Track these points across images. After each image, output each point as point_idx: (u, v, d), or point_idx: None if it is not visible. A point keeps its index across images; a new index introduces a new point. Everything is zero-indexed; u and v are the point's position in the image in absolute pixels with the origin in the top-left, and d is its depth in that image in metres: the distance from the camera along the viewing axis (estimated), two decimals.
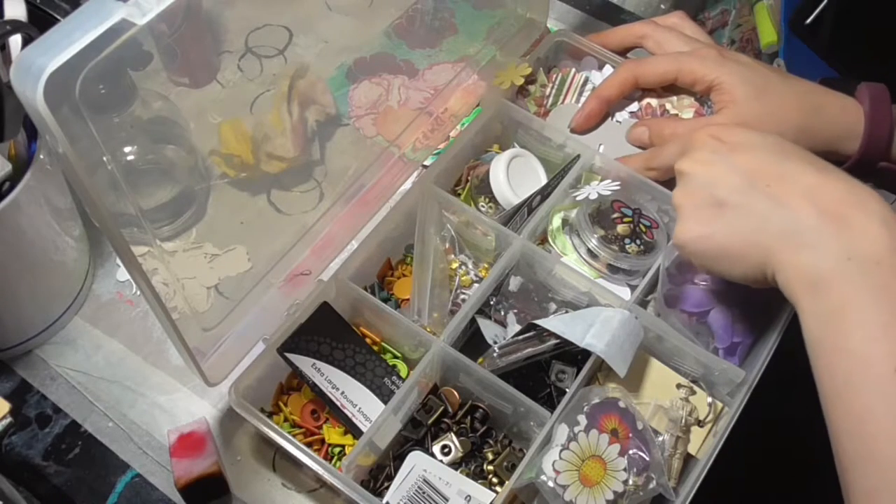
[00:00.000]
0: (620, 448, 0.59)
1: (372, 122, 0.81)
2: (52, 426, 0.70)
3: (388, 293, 0.74)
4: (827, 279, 0.52)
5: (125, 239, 0.49)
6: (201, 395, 0.72)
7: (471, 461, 0.65)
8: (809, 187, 0.54)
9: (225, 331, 0.65)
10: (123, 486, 0.68)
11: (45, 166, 0.66)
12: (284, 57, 0.75)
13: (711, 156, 0.59)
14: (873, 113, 0.69)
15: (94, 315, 0.76)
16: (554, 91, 0.80)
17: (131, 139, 0.72)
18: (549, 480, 0.58)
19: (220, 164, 0.73)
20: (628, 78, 0.75)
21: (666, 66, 0.73)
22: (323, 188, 0.76)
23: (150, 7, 0.43)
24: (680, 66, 0.73)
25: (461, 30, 0.84)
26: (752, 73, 0.71)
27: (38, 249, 0.69)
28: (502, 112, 0.79)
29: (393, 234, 0.74)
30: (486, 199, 0.77)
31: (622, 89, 0.75)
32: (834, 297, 0.51)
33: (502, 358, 0.64)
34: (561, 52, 0.83)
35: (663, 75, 0.74)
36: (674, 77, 0.73)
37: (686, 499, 0.61)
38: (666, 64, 0.74)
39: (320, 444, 0.67)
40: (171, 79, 0.70)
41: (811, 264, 0.52)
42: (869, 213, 0.52)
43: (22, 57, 0.40)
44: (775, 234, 0.54)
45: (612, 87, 0.75)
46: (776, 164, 0.57)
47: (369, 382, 0.67)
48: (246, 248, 0.72)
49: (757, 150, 0.58)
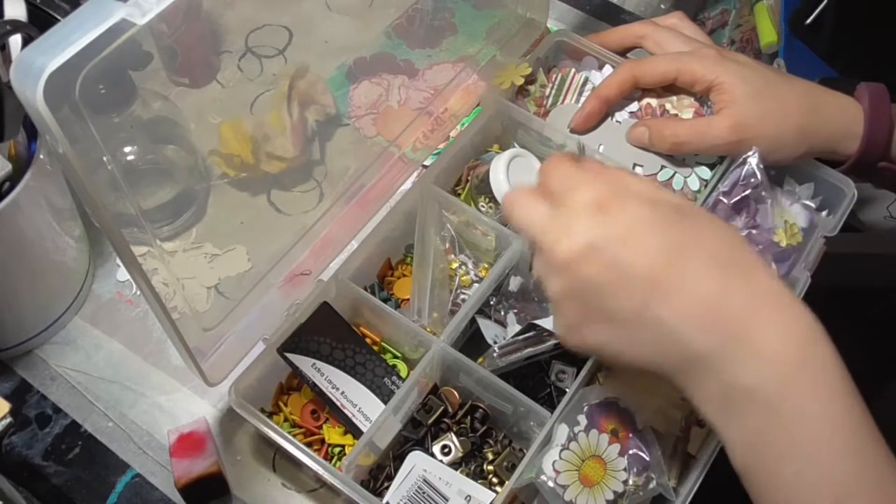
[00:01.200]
0: (620, 448, 0.59)
1: (372, 122, 0.81)
2: (52, 426, 0.70)
3: (388, 293, 0.74)
4: (738, 407, 0.47)
5: (125, 239, 0.49)
6: (201, 395, 0.72)
7: (471, 461, 0.65)
8: (708, 305, 0.47)
9: (225, 331, 0.65)
10: (123, 486, 0.68)
11: (45, 166, 0.66)
12: (284, 57, 0.75)
13: (590, 245, 0.49)
14: (873, 112, 0.69)
15: (94, 315, 0.76)
16: (554, 91, 0.80)
17: (131, 139, 0.72)
18: (549, 480, 0.58)
19: (220, 164, 0.73)
20: (628, 78, 0.74)
21: (665, 66, 0.73)
22: (323, 188, 0.76)
23: (150, 7, 0.43)
24: (679, 66, 0.72)
25: (461, 30, 0.84)
26: (751, 73, 0.70)
27: (38, 249, 0.69)
28: (502, 112, 0.79)
29: (393, 234, 0.74)
30: (486, 199, 0.77)
31: (622, 89, 0.75)
32: (751, 425, 0.47)
33: (502, 358, 0.64)
34: (561, 52, 0.83)
35: (663, 75, 0.73)
36: (673, 77, 0.73)
37: (686, 499, 0.61)
38: (665, 64, 0.73)
39: (320, 444, 0.67)
40: (171, 79, 0.70)
41: (718, 393, 0.48)
42: (770, 323, 0.47)
43: (22, 57, 0.40)
44: (678, 360, 0.48)
45: (611, 87, 0.75)
46: (671, 268, 0.48)
47: (369, 382, 0.67)
48: (246, 248, 0.72)
49: (647, 238, 0.49)
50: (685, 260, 0.48)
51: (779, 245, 0.69)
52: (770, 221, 0.70)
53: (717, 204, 0.71)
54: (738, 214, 0.71)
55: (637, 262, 0.48)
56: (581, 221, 0.50)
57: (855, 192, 0.74)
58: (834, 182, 0.74)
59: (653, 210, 0.50)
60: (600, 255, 0.49)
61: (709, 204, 0.71)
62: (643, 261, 0.48)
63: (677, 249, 0.49)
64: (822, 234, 0.72)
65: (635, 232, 0.49)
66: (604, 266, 0.49)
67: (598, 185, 0.51)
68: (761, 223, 0.70)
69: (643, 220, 0.49)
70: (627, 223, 0.49)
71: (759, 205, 0.70)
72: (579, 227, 0.49)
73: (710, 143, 0.70)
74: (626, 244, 0.49)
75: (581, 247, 0.49)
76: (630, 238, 0.49)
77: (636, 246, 0.49)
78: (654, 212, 0.50)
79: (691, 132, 0.71)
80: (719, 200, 0.71)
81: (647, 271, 0.48)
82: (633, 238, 0.49)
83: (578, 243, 0.49)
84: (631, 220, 0.49)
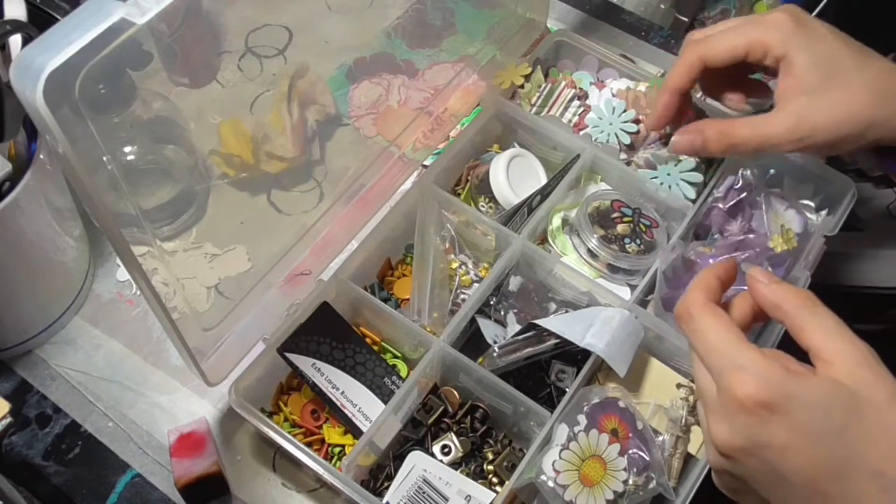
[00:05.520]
0: (620, 448, 0.59)
1: (372, 122, 0.81)
2: (52, 426, 0.70)
3: (388, 293, 0.74)
4: None
5: (125, 239, 0.49)
6: (201, 395, 0.72)
7: (471, 461, 0.65)
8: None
9: (225, 331, 0.65)
10: (123, 486, 0.68)
11: (45, 166, 0.66)
12: (284, 57, 0.74)
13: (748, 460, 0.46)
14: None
15: (94, 315, 0.76)
16: (540, 101, 0.80)
17: (131, 139, 0.72)
18: (549, 480, 0.58)
19: (220, 164, 0.73)
20: (694, 61, 0.66)
21: (734, 40, 0.64)
22: (323, 188, 0.76)
23: (150, 7, 0.43)
24: (749, 38, 0.63)
25: (461, 30, 0.84)
26: (824, 51, 0.62)
27: (38, 249, 0.69)
28: (502, 112, 0.79)
29: (393, 234, 0.74)
30: (486, 199, 0.77)
31: (691, 75, 0.67)
32: None
33: (502, 358, 0.64)
34: (561, 52, 0.83)
35: (732, 51, 0.64)
36: (744, 52, 0.64)
37: (686, 499, 0.61)
38: (733, 38, 0.64)
39: (320, 444, 0.67)
40: (171, 79, 0.70)
41: None
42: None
43: (21, 56, 0.40)
44: None
45: (681, 76, 0.67)
46: (832, 482, 0.45)
47: (369, 382, 0.67)
48: (246, 248, 0.72)
49: (811, 452, 0.45)
50: (848, 477, 0.45)
51: (773, 251, 0.69)
52: (766, 226, 0.69)
53: (712, 209, 0.71)
54: (734, 219, 0.71)
55: (799, 472, 0.45)
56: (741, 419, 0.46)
57: (855, 191, 0.74)
58: (834, 181, 0.74)
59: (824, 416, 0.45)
60: (761, 453, 0.46)
61: (704, 210, 0.71)
62: (802, 466, 0.45)
63: (840, 454, 0.45)
64: (822, 233, 0.72)
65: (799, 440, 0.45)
66: (763, 463, 0.46)
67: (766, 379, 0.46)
68: (756, 228, 0.70)
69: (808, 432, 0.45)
70: (793, 428, 0.45)
71: (753, 210, 0.70)
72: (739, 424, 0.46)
73: (770, 142, 0.63)
74: (787, 451, 0.45)
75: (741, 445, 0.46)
76: (793, 446, 0.45)
77: (799, 454, 0.45)
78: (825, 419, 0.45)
79: (749, 131, 0.64)
80: (714, 206, 0.71)
81: (807, 478, 0.45)
82: (795, 446, 0.45)
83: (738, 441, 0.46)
84: (797, 426, 0.45)
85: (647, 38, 0.93)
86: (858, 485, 0.44)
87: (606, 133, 0.76)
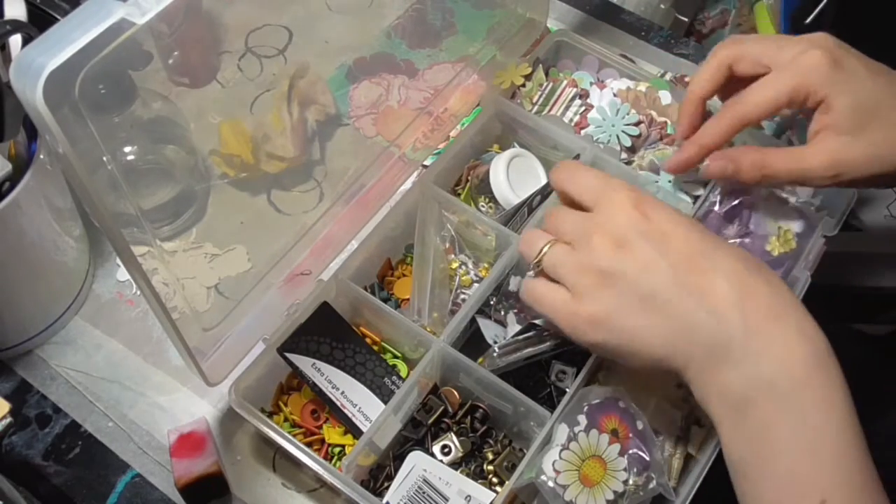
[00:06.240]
0: (620, 448, 0.59)
1: (372, 122, 0.81)
2: (52, 426, 0.70)
3: (388, 293, 0.74)
4: (750, 399, 0.50)
5: (125, 239, 0.49)
6: (201, 395, 0.72)
7: (471, 461, 0.65)
8: (738, 292, 0.51)
9: (225, 331, 0.65)
10: (123, 486, 0.68)
11: (45, 166, 0.66)
12: (284, 57, 0.74)
13: (639, 240, 0.53)
14: None
15: (94, 315, 0.76)
16: (542, 99, 0.80)
17: (131, 139, 0.72)
18: (549, 480, 0.58)
19: (220, 164, 0.73)
20: (734, 125, 0.64)
21: (773, 94, 0.61)
22: (323, 188, 0.76)
23: (150, 7, 0.43)
24: (790, 87, 0.61)
25: (461, 30, 0.84)
26: (865, 90, 0.61)
27: (38, 249, 0.69)
28: (502, 112, 0.79)
29: (393, 234, 0.74)
30: (486, 199, 0.77)
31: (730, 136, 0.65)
32: (757, 418, 0.49)
33: (502, 358, 0.64)
34: (561, 52, 0.83)
35: (775, 105, 0.62)
36: (786, 103, 0.62)
37: (686, 499, 0.61)
38: (772, 91, 0.62)
39: (320, 444, 0.67)
40: (171, 79, 0.70)
41: (734, 383, 0.50)
42: (791, 326, 0.50)
43: (21, 56, 0.40)
44: (701, 345, 0.51)
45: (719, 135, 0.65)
46: (705, 257, 0.53)
47: (369, 382, 0.67)
48: (246, 248, 0.72)
49: (686, 236, 0.54)
50: (717, 253, 0.53)
51: (771, 254, 0.69)
52: (764, 228, 0.69)
53: (707, 214, 0.70)
54: (731, 223, 0.70)
55: (675, 247, 0.53)
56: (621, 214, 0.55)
57: (855, 191, 0.74)
58: None
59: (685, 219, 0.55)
60: (652, 246, 0.53)
61: (700, 213, 0.71)
62: (681, 245, 0.53)
63: (711, 243, 0.54)
64: (822, 233, 0.72)
65: (674, 226, 0.54)
66: (654, 254, 0.53)
67: (629, 191, 0.56)
68: (755, 230, 0.69)
69: (679, 222, 0.55)
70: (664, 219, 0.54)
71: (752, 212, 0.69)
72: (620, 220, 0.55)
73: (804, 177, 0.62)
74: (665, 234, 0.54)
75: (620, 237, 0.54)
76: (668, 229, 0.54)
77: (675, 234, 0.54)
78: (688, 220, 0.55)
79: (783, 165, 0.63)
80: (710, 210, 0.70)
81: (684, 253, 0.53)
82: (671, 229, 0.54)
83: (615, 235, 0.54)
84: (667, 219, 0.55)
85: (647, 39, 0.93)
86: (727, 261, 0.53)
87: (608, 134, 0.76)
